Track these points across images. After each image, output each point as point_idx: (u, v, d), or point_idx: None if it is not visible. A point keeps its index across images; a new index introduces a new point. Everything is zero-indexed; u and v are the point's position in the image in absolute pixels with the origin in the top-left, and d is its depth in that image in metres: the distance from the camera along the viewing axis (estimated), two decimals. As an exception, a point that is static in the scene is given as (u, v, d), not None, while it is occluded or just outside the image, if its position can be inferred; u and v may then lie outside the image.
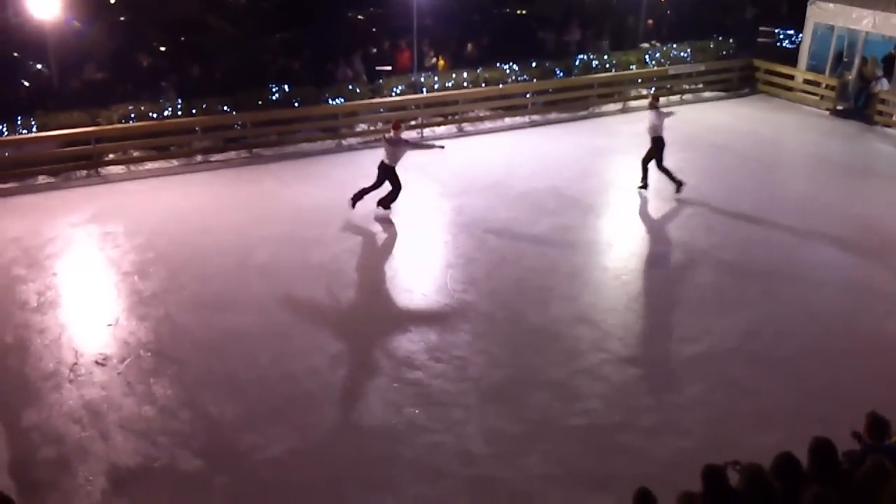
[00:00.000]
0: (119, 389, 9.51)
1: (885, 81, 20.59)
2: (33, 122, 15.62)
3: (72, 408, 9.17)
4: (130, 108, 16.51)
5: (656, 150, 15.21)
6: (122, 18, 18.55)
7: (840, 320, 11.39)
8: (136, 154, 16.74)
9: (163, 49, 18.71)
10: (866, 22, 20.65)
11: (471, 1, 22.21)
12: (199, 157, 17.07)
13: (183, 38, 18.77)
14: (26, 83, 17.04)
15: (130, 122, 16.42)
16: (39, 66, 17.12)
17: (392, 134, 13.91)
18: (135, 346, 10.38)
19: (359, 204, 14.11)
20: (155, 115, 16.64)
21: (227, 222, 14.01)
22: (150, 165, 16.63)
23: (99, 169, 16.20)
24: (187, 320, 11.02)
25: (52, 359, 10.06)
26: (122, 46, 17.92)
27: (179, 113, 16.84)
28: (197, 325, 10.91)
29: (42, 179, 15.73)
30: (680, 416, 9.26)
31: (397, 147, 13.85)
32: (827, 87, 21.68)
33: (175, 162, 16.87)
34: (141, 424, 8.92)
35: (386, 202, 14.16)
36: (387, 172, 13.90)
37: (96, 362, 9.99)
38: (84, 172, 16.09)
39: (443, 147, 14.53)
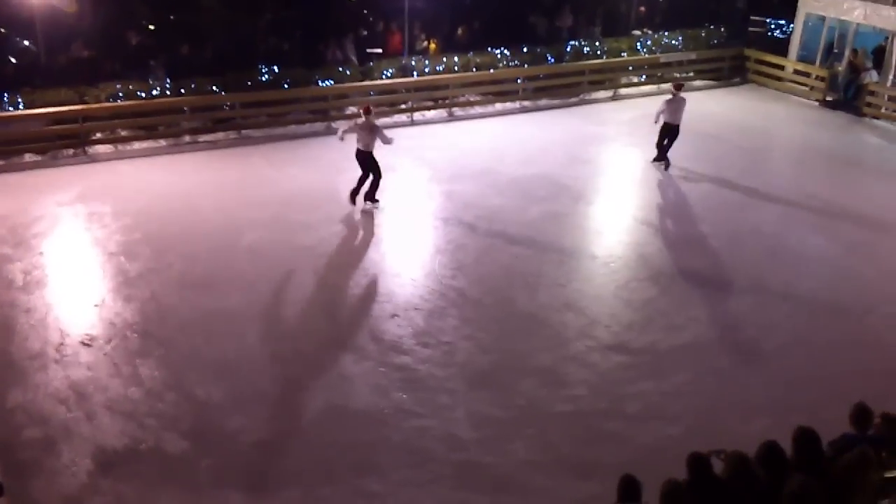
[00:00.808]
0: (105, 370, 9.48)
1: (874, 73, 20.68)
2: (20, 100, 15.45)
3: (57, 388, 9.14)
4: (118, 86, 16.36)
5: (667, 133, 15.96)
6: (110, -5, 18.35)
7: (826, 311, 11.47)
8: (123, 133, 16.59)
9: (152, 27, 18.52)
10: (857, 13, 20.70)
11: (463, -15, 22.09)
12: (187, 138, 16.97)
13: (172, 17, 18.58)
14: (13, 60, 16.85)
15: (118, 100, 16.28)
16: (27, 43, 16.93)
17: (364, 119, 13.52)
18: (121, 326, 10.35)
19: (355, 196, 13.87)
20: (143, 95, 16.50)
21: (215, 203, 13.94)
22: (137, 145, 16.50)
23: (86, 148, 16.07)
24: (174, 301, 10.98)
25: (38, 339, 10.01)
26: (111, 24, 17.73)
27: (168, 92, 16.71)
28: (184, 306, 10.87)
29: (29, 158, 15.58)
30: (665, 404, 9.32)
31: (372, 132, 13.41)
32: (817, 77, 21.74)
33: (163, 142, 16.75)
34: (127, 406, 8.91)
35: (371, 195, 13.82)
36: (366, 160, 13.55)
37: (82, 343, 9.96)
38: (71, 151, 15.95)
39: (391, 141, 13.68)
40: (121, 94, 16.31)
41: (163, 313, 10.69)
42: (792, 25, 22.82)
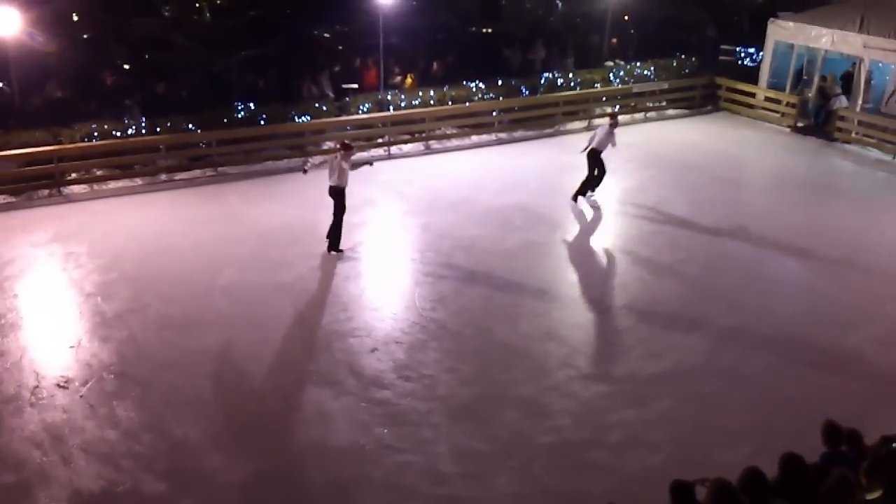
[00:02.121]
0: (81, 412, 9.33)
1: (843, 99, 21.02)
2: (-7, 141, 15.40)
3: (33, 432, 8.98)
4: (94, 126, 16.31)
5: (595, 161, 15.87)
6: (85, 36, 18.38)
7: (803, 335, 11.53)
8: (99, 173, 16.52)
9: (127, 67, 18.55)
10: (825, 40, 21.08)
11: (437, 20, 22.33)
12: (163, 176, 16.92)
13: (147, 56, 18.63)
14: (-13, 101, 16.80)
15: (94, 140, 16.22)
16: (0, 84, 16.88)
17: (343, 153, 13.07)
18: (97, 368, 10.21)
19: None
20: (119, 134, 16.46)
21: (192, 242, 13.86)
22: (113, 184, 16.42)
23: (61, 188, 15.97)
24: (151, 341, 10.86)
25: (12, 382, 9.85)
26: (86, 64, 17.74)
27: (143, 131, 16.68)
28: (161, 346, 10.76)
29: (3, 199, 15.46)
30: (648, 432, 9.30)
31: (346, 169, 13.06)
32: (787, 104, 22.07)
33: (139, 181, 16.68)
34: (104, 448, 8.76)
35: (335, 244, 13.37)
36: (338, 196, 13.19)
37: (58, 385, 9.81)
38: (46, 192, 15.84)
39: (371, 164, 14.32)
40: (96, 134, 16.25)
41: (140, 354, 10.56)
42: (761, 53, 23.24)
